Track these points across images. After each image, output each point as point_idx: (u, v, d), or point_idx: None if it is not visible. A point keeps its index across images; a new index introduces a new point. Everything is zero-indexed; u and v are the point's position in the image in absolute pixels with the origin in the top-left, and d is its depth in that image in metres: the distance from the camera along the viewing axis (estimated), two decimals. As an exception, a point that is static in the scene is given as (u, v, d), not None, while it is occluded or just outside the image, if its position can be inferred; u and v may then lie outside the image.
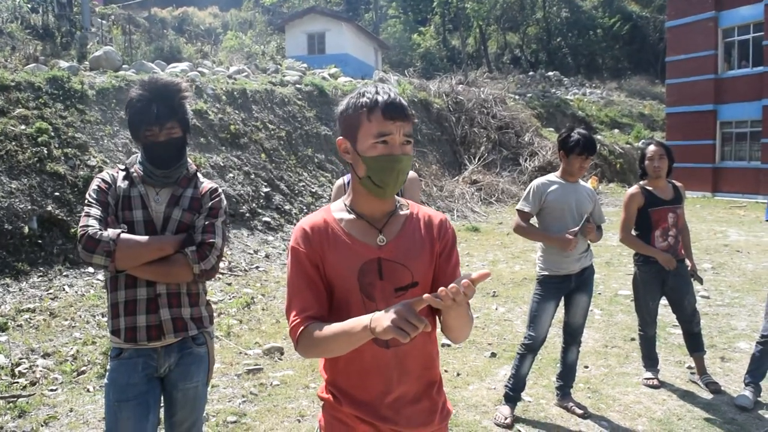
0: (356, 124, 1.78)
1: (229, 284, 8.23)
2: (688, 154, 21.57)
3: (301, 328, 1.72)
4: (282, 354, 5.76)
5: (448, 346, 5.79)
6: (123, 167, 2.60)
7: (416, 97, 20.08)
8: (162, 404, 2.62)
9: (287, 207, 11.76)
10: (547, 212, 4.28)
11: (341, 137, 1.83)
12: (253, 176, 11.75)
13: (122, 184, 2.52)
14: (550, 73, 38.58)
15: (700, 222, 14.63)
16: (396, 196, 1.93)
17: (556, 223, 4.24)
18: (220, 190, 2.66)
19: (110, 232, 2.34)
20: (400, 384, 1.81)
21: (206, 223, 2.51)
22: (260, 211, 11.15)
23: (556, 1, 48.10)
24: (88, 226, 2.34)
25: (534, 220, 4.42)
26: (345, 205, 1.88)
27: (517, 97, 27.68)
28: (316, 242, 1.79)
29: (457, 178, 18.35)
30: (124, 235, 2.36)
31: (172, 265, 2.41)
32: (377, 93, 1.77)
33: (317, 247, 1.78)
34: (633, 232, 4.88)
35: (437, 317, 1.91)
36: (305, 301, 1.76)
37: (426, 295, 1.53)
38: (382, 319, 1.51)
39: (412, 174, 3.60)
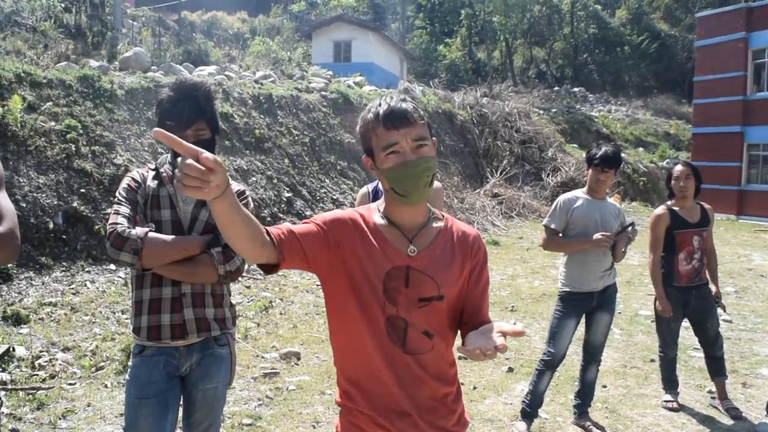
0: (369, 141, 1.81)
1: (248, 287, 8.26)
2: (714, 176, 21.27)
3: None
4: (299, 359, 5.77)
5: (465, 358, 5.76)
6: (153, 167, 2.62)
7: (440, 109, 20.07)
8: (181, 403, 2.63)
9: (308, 213, 11.79)
10: (571, 228, 4.26)
11: (365, 156, 1.87)
12: (275, 181, 11.81)
13: (152, 183, 2.54)
14: (576, 89, 38.36)
15: (724, 245, 14.42)
16: (429, 206, 1.92)
17: (578, 239, 4.21)
18: (247, 192, 2.67)
19: (138, 231, 2.37)
20: (418, 390, 1.80)
21: (232, 224, 2.52)
22: (281, 216, 11.20)
23: (583, 17, 47.95)
24: (116, 223, 2.37)
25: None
26: (379, 211, 1.89)
27: (541, 111, 27.54)
28: (345, 227, 1.81)
29: (478, 190, 18.29)
30: (151, 234, 2.38)
31: (197, 265, 2.42)
32: (379, 105, 1.79)
33: (341, 230, 1.80)
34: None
35: (458, 330, 1.91)
36: (296, 235, 1.73)
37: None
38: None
39: (436, 183, 3.59)
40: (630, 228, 4.17)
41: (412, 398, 1.79)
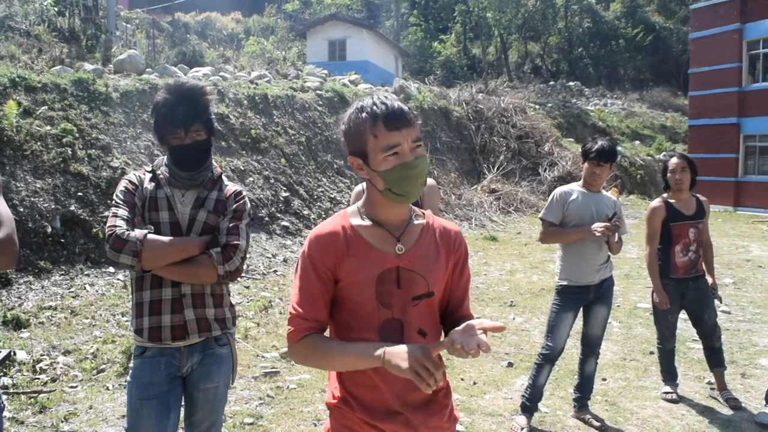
0: (362, 141, 1.76)
1: (247, 287, 8.28)
2: (711, 168, 21.28)
3: (305, 334, 1.75)
4: (299, 358, 5.78)
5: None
6: (150, 169, 2.63)
7: (436, 105, 20.08)
8: (183, 403, 2.65)
9: (306, 212, 11.81)
10: (567, 221, 4.27)
11: (351, 156, 1.81)
12: (272, 181, 11.82)
13: (149, 185, 2.55)
14: (571, 83, 38.39)
15: (722, 236, 14.45)
16: (411, 205, 1.92)
17: (575, 229, 4.23)
18: (244, 192, 2.69)
19: (137, 233, 2.38)
20: (412, 392, 1.80)
21: (230, 225, 2.54)
22: (279, 215, 11.21)
23: (578, 11, 47.92)
24: (115, 226, 2.38)
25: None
26: (360, 212, 1.87)
27: (537, 106, 27.56)
28: (331, 251, 1.77)
29: (475, 186, 18.31)
30: (150, 236, 2.39)
31: (197, 266, 2.44)
32: (374, 105, 1.74)
33: (331, 257, 1.77)
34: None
35: (443, 327, 1.93)
36: (317, 309, 1.78)
37: (445, 340, 1.62)
38: (398, 357, 1.56)
39: (430, 181, 3.61)
40: (613, 219, 4.17)
41: (406, 399, 1.80)
